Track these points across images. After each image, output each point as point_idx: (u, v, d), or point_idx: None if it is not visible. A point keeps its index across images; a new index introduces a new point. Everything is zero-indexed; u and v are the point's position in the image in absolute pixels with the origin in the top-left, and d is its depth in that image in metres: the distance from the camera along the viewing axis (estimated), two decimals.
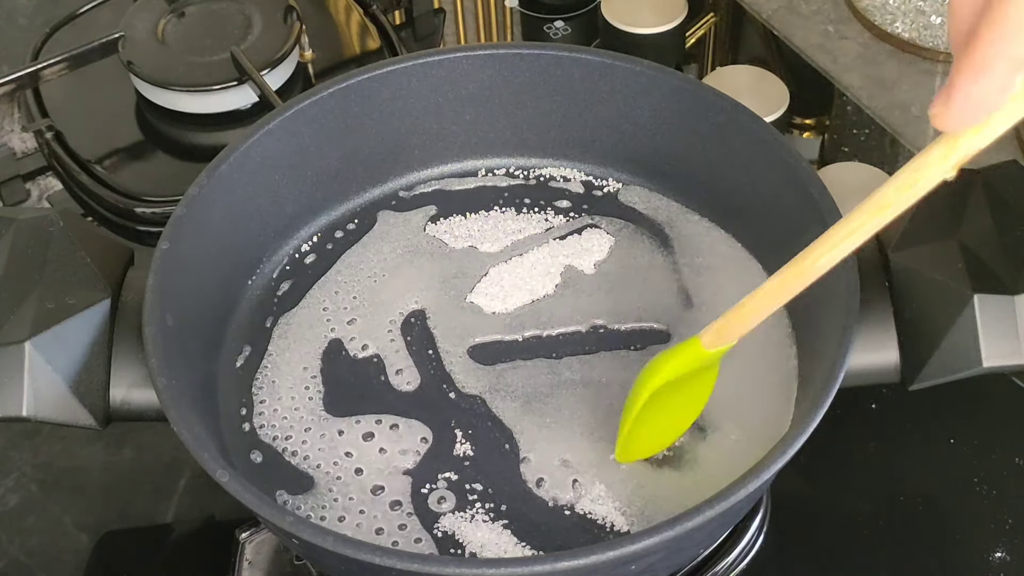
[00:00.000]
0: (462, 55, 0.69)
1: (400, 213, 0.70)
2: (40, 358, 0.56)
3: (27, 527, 0.66)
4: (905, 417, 0.67)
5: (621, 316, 0.65)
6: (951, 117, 0.42)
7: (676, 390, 0.56)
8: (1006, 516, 0.63)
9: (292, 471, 0.59)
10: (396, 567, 0.49)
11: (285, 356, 0.64)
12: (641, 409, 0.56)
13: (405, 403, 0.62)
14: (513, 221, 0.70)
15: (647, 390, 0.55)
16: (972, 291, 0.56)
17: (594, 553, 0.48)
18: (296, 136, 0.66)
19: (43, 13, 0.95)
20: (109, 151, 0.84)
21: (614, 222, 0.69)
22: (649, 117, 0.68)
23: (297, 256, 0.69)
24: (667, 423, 0.58)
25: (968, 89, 0.41)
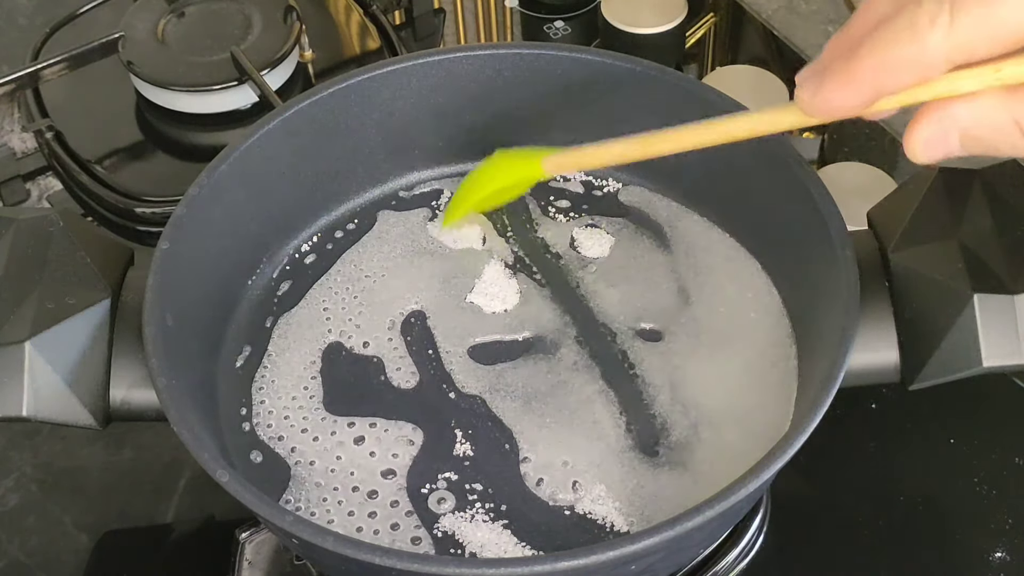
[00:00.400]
0: (462, 55, 0.68)
1: (400, 213, 0.70)
2: (40, 358, 0.56)
3: (27, 527, 0.66)
4: (905, 417, 0.67)
5: (621, 316, 0.65)
6: (811, 106, 0.45)
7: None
8: (1006, 516, 0.63)
9: (292, 471, 0.59)
10: (396, 567, 0.49)
11: (285, 356, 0.64)
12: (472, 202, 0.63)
13: (405, 403, 0.62)
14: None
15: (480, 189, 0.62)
16: (972, 291, 0.56)
17: (594, 553, 0.48)
18: (296, 136, 0.66)
19: (43, 13, 0.95)
20: (109, 151, 0.84)
21: (614, 222, 0.69)
22: (649, 117, 0.68)
23: (297, 256, 0.69)
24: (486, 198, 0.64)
25: (833, 93, 0.44)
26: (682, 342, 0.63)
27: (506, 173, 0.62)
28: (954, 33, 0.40)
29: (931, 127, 0.44)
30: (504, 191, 0.63)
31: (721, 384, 0.61)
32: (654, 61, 0.67)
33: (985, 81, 0.42)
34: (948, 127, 0.43)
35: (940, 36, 0.40)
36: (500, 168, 0.62)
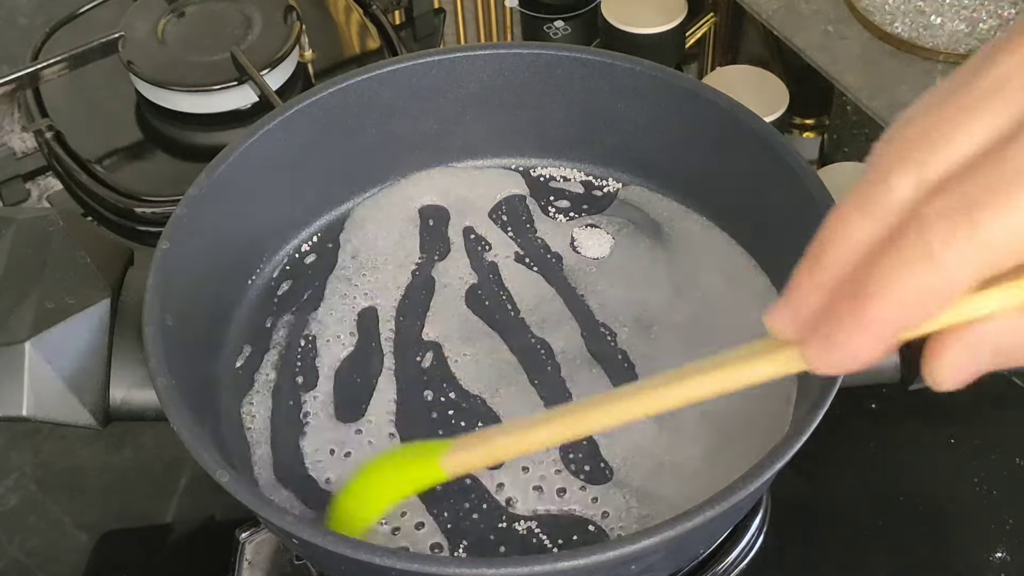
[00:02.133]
0: (462, 55, 0.68)
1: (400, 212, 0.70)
2: (40, 358, 0.56)
3: (27, 527, 0.66)
4: (905, 417, 0.67)
5: (621, 316, 0.65)
6: (827, 366, 0.37)
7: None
8: (1006, 516, 0.63)
9: (292, 471, 0.59)
10: (396, 567, 0.49)
11: (285, 356, 0.64)
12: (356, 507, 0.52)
13: (405, 402, 0.62)
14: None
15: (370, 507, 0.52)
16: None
17: (594, 553, 0.48)
18: (296, 136, 0.66)
19: (43, 13, 0.95)
20: (109, 151, 0.84)
21: (614, 222, 0.69)
22: (649, 117, 0.68)
23: (297, 256, 0.69)
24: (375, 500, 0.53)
25: (851, 348, 0.36)
26: (682, 342, 0.63)
27: (398, 479, 0.51)
28: (977, 244, 0.34)
29: (957, 351, 0.37)
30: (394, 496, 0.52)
31: None
32: (654, 61, 0.67)
33: (1014, 299, 0.36)
34: (977, 349, 0.37)
35: (960, 256, 0.34)
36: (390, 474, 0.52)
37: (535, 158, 0.72)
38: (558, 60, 0.68)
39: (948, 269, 0.34)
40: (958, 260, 0.34)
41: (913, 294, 0.34)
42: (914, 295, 0.34)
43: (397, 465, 0.52)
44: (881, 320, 0.35)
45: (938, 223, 0.34)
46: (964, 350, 0.37)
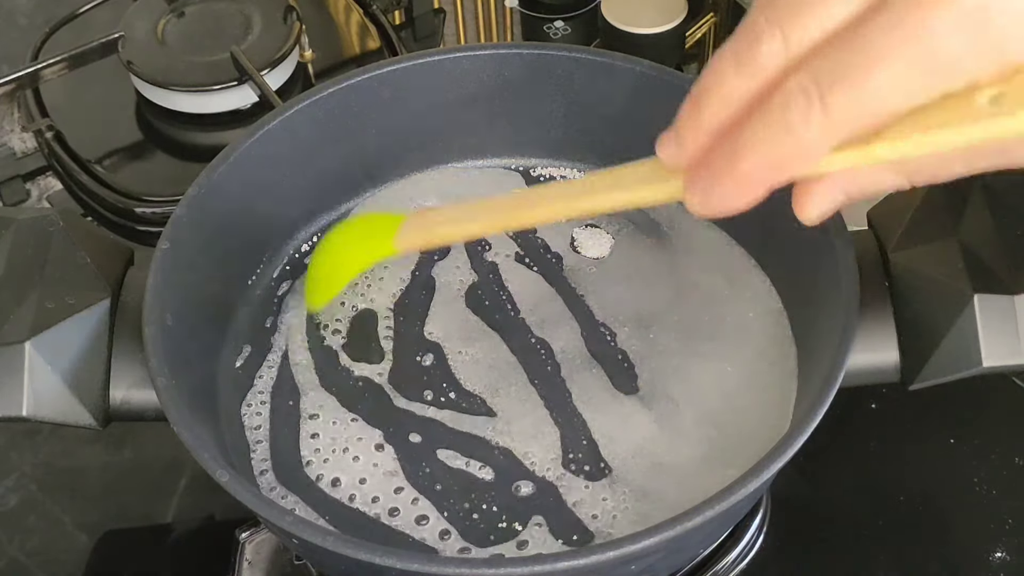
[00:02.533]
0: (462, 55, 0.68)
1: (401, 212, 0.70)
2: (40, 358, 0.56)
3: (27, 527, 0.66)
4: (905, 417, 0.67)
5: (621, 316, 0.65)
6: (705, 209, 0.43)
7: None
8: (1006, 516, 0.63)
9: (292, 471, 0.59)
10: (396, 567, 0.49)
11: (286, 356, 0.64)
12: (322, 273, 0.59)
13: (405, 402, 0.62)
14: None
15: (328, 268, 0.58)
16: (972, 291, 0.56)
17: (594, 553, 0.48)
18: (296, 136, 0.66)
19: (43, 13, 0.95)
20: (109, 151, 0.84)
21: (614, 222, 0.69)
22: (649, 117, 0.67)
23: (297, 256, 0.69)
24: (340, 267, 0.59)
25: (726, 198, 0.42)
26: (682, 342, 0.63)
27: (356, 250, 0.58)
28: (829, 123, 0.38)
29: (818, 194, 0.44)
30: (354, 265, 0.59)
31: (720, 384, 0.61)
32: (654, 61, 0.67)
33: (860, 160, 0.40)
34: (833, 193, 0.44)
35: (816, 129, 0.38)
36: (350, 242, 0.58)
37: (535, 158, 0.72)
38: (558, 60, 0.68)
39: (805, 141, 0.39)
40: (815, 133, 0.38)
41: (776, 158, 0.39)
42: (777, 159, 0.39)
43: (356, 237, 0.58)
44: (750, 175, 0.40)
45: (797, 99, 0.38)
46: (823, 193, 0.43)
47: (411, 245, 0.55)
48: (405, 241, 0.54)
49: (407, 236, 0.54)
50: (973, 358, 0.56)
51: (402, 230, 0.54)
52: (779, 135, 0.39)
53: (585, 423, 0.61)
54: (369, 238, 0.56)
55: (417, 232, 0.54)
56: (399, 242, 0.54)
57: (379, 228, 0.56)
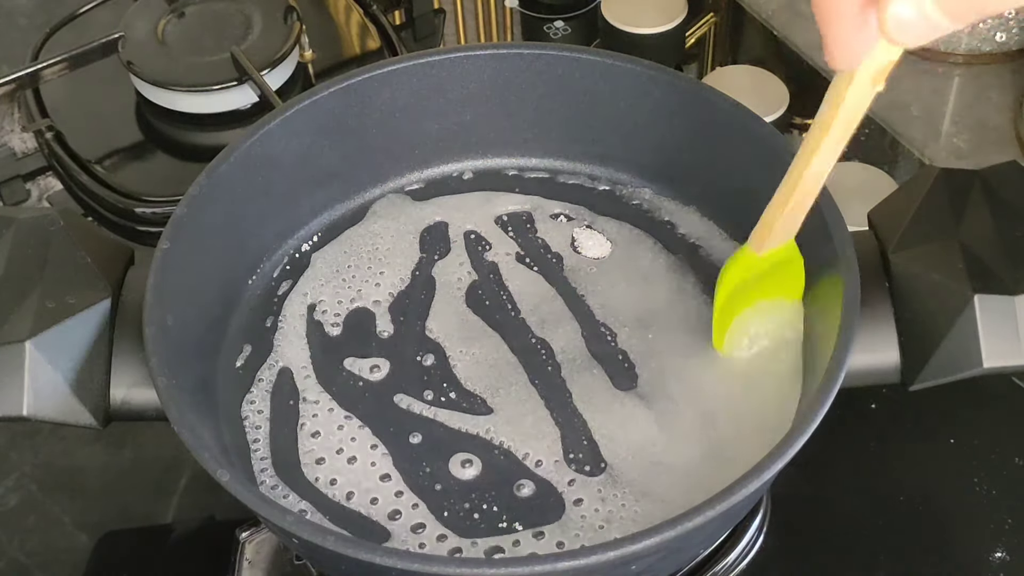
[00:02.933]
0: (462, 55, 0.68)
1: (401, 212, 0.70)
2: (40, 358, 0.56)
3: (27, 527, 0.66)
4: (905, 417, 0.67)
5: (622, 317, 0.65)
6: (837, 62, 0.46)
7: (758, 286, 0.60)
8: (1006, 516, 0.63)
9: (292, 470, 0.59)
10: (396, 567, 0.49)
11: (286, 356, 0.64)
12: (723, 307, 0.60)
13: (406, 402, 0.62)
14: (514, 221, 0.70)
15: (720, 296, 0.60)
16: (972, 291, 0.56)
17: (594, 553, 0.48)
18: (296, 136, 0.66)
19: (43, 13, 0.95)
20: (109, 151, 0.84)
21: (614, 222, 0.69)
22: (649, 117, 0.68)
23: (297, 256, 0.68)
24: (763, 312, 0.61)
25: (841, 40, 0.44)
26: (682, 342, 0.63)
27: (730, 278, 0.60)
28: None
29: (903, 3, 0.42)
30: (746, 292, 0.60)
31: (721, 384, 0.61)
32: (654, 61, 0.67)
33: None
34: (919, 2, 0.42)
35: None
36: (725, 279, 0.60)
37: (535, 158, 0.72)
38: (558, 60, 0.68)
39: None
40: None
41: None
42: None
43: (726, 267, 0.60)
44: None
45: None
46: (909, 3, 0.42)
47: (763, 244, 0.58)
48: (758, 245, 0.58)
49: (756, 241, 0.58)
50: (973, 359, 0.56)
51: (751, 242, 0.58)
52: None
53: (585, 423, 0.61)
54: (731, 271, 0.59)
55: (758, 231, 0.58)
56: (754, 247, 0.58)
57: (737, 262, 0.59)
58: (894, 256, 0.59)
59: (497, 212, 0.70)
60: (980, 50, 0.82)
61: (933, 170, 0.61)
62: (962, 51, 0.83)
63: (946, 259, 0.57)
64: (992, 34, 0.81)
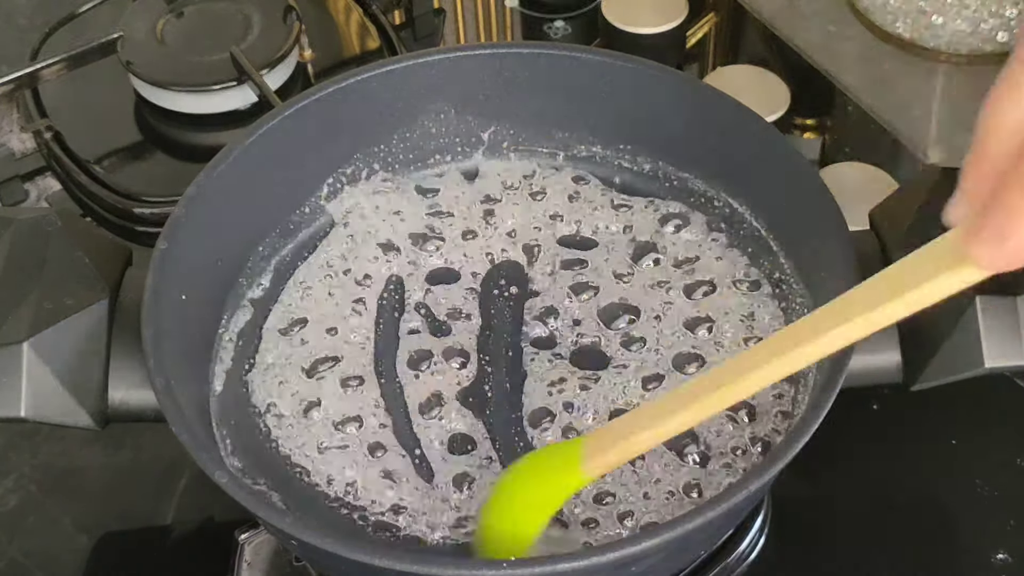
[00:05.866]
0: (462, 55, 0.68)
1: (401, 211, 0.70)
2: (38, 358, 0.56)
3: (26, 528, 0.66)
4: (906, 418, 0.67)
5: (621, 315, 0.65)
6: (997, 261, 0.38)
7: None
8: (1007, 517, 0.63)
9: (292, 471, 0.59)
10: (396, 568, 0.48)
11: (285, 357, 0.64)
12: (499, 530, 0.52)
13: (404, 401, 0.62)
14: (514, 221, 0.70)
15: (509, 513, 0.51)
16: (974, 291, 0.55)
17: (594, 555, 0.48)
18: (296, 136, 0.66)
19: (42, 13, 0.95)
20: (108, 151, 0.84)
21: (615, 222, 0.69)
22: (649, 117, 0.68)
23: (296, 256, 0.68)
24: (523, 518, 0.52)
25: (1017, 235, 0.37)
26: (682, 343, 0.63)
27: (539, 489, 0.51)
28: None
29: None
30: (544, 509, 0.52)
31: None
32: (654, 61, 0.67)
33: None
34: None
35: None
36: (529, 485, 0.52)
37: (535, 158, 0.72)
38: (558, 60, 0.68)
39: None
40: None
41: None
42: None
43: (536, 478, 0.51)
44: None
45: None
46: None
47: (606, 466, 0.50)
48: (596, 465, 0.49)
49: (597, 459, 0.49)
50: (975, 359, 0.56)
51: (588, 453, 0.49)
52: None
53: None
54: (550, 473, 0.51)
55: (609, 451, 0.49)
56: (590, 468, 0.49)
57: (557, 461, 0.51)
58: (895, 256, 0.58)
59: (498, 212, 0.70)
60: (982, 50, 0.82)
61: (935, 170, 0.61)
62: (964, 51, 0.83)
63: None
64: (994, 34, 0.81)
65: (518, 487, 0.52)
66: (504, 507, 0.52)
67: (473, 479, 0.58)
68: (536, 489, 0.51)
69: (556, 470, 0.50)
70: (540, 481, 0.52)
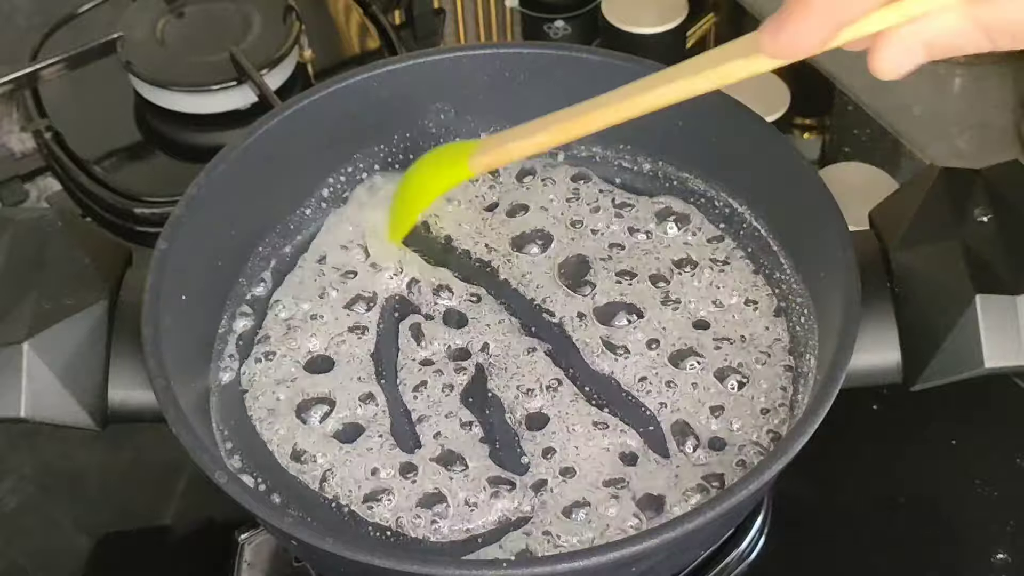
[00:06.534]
0: (462, 55, 0.68)
1: None
2: (38, 359, 0.56)
3: (26, 528, 0.66)
4: (906, 418, 0.67)
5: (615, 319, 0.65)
6: (774, 47, 0.46)
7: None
8: (1007, 517, 0.63)
9: (292, 472, 0.59)
10: (395, 568, 0.48)
11: (286, 356, 0.64)
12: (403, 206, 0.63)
13: (403, 402, 0.62)
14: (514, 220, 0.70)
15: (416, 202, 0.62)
16: (974, 291, 0.56)
17: (595, 555, 0.48)
18: (295, 136, 0.66)
19: (42, 13, 0.95)
20: (108, 151, 0.84)
21: (615, 222, 0.69)
22: (649, 117, 0.67)
23: (296, 256, 0.68)
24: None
25: (795, 31, 0.44)
26: (682, 342, 0.63)
27: (433, 178, 0.61)
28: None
29: (895, 47, 0.44)
30: (431, 194, 0.62)
31: (722, 385, 0.61)
32: (654, 61, 0.67)
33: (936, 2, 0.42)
34: (911, 43, 0.44)
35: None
36: (427, 173, 0.62)
37: (535, 157, 0.72)
38: (558, 60, 0.68)
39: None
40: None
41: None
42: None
43: (433, 167, 0.61)
44: (820, 11, 0.43)
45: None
46: (900, 44, 0.44)
47: (485, 166, 0.59)
48: (479, 163, 0.58)
49: (481, 158, 0.58)
50: (975, 359, 0.56)
51: (475, 153, 0.58)
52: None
53: None
54: (445, 165, 0.60)
55: (490, 153, 0.58)
56: (474, 165, 0.58)
57: (454, 155, 0.60)
58: (895, 256, 0.59)
59: (497, 210, 0.70)
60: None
61: (935, 169, 0.61)
62: None
63: (948, 259, 0.57)
64: None
65: (418, 171, 0.62)
66: (403, 188, 0.63)
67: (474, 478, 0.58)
68: (430, 174, 0.61)
69: (449, 163, 0.60)
70: (434, 170, 0.61)
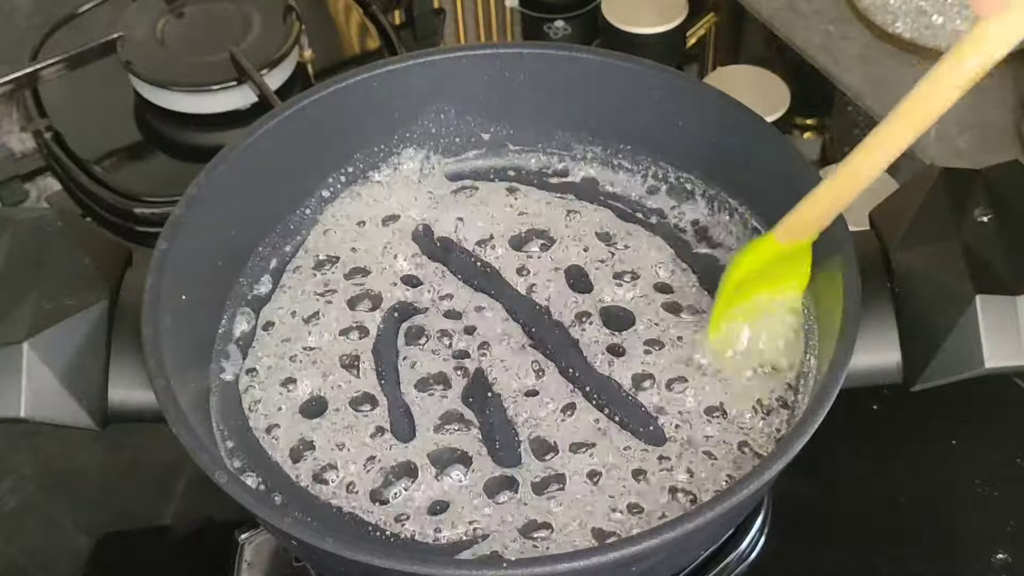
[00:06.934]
0: (462, 55, 0.68)
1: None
2: (38, 359, 0.56)
3: (26, 528, 0.66)
4: (906, 418, 0.67)
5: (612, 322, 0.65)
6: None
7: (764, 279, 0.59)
8: (1007, 517, 0.63)
9: (291, 472, 0.59)
10: (395, 568, 0.48)
11: (286, 356, 0.64)
12: (727, 296, 0.60)
13: (404, 402, 0.62)
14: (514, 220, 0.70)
15: (730, 281, 0.59)
16: (974, 292, 0.56)
17: (595, 555, 0.48)
18: (296, 136, 0.66)
19: (42, 13, 0.95)
20: (108, 151, 0.84)
21: (615, 221, 0.69)
22: (649, 117, 0.68)
23: (296, 256, 0.68)
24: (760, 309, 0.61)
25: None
26: (682, 343, 0.63)
27: (745, 263, 0.59)
28: None
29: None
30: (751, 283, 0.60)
31: (722, 383, 0.61)
32: (654, 61, 0.67)
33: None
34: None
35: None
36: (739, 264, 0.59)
37: (534, 157, 0.72)
38: (558, 60, 0.68)
39: None
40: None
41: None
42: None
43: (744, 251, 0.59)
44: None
45: None
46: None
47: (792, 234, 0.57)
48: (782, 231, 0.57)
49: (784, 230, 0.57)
50: (975, 359, 0.56)
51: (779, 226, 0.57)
52: None
53: None
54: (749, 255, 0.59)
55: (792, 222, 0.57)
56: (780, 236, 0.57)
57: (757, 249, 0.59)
58: (896, 256, 0.59)
59: (498, 210, 0.70)
60: None
61: (935, 169, 0.61)
62: None
63: (948, 259, 0.57)
64: None
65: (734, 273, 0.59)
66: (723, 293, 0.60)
67: (473, 478, 0.58)
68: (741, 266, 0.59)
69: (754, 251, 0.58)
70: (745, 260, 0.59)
